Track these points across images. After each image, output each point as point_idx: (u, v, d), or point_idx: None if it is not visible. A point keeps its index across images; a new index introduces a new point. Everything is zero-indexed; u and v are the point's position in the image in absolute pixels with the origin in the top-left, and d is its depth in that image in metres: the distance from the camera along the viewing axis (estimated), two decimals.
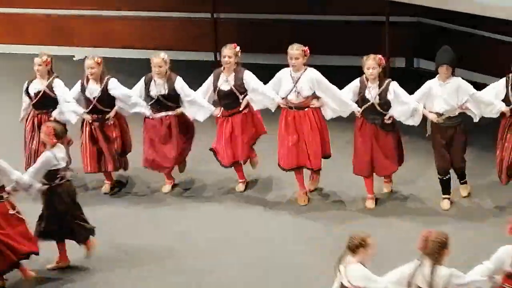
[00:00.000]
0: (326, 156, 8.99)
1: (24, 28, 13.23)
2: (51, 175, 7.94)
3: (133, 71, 11.44)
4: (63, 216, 8.17)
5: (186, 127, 9.05)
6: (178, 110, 8.87)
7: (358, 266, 6.13)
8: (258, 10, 12.61)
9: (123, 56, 13.21)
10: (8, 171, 7.86)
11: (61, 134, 7.97)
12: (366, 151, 8.59)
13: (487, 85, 11.59)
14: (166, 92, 8.73)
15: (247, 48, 11.23)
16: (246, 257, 8.05)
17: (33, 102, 9.00)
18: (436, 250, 5.82)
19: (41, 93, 8.91)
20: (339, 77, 9.79)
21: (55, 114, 8.87)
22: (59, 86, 8.92)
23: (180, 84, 8.77)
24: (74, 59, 13.47)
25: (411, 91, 9.17)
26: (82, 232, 8.35)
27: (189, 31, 13.30)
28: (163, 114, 8.84)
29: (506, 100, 8.05)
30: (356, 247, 6.05)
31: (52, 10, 13.38)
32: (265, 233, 8.51)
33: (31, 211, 8.20)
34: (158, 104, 8.79)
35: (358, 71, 9.62)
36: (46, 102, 8.95)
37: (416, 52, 12.59)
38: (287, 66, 9.84)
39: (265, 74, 9.37)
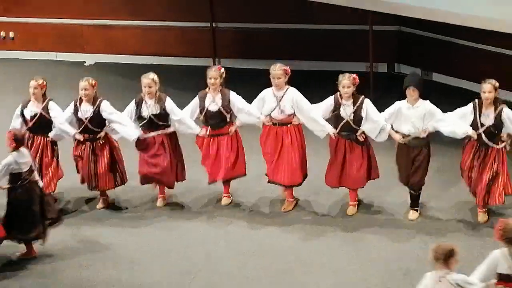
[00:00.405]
0: (305, 175, 8.81)
1: (39, 36, 13.26)
2: (14, 177, 7.95)
3: (137, 76, 11.60)
4: (20, 213, 8.14)
5: (176, 144, 8.90)
6: (169, 130, 8.69)
7: (457, 275, 6.21)
8: (253, 20, 12.65)
9: (130, 61, 13.26)
10: None
11: (21, 140, 7.92)
12: (339, 165, 8.44)
13: (462, 89, 12.11)
14: (158, 112, 8.51)
15: (242, 54, 11.68)
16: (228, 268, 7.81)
17: (30, 125, 8.79)
18: None
19: (37, 116, 8.72)
20: (328, 81, 9.94)
21: (51, 135, 8.75)
22: (54, 109, 8.73)
23: (170, 105, 8.58)
24: (85, 64, 13.65)
25: (392, 95, 9.35)
26: (31, 232, 8.25)
27: (190, 39, 13.34)
28: (153, 133, 8.64)
29: (473, 125, 7.84)
30: (447, 257, 6.08)
31: (65, 19, 13.38)
32: (250, 246, 8.21)
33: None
34: (150, 123, 8.56)
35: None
36: (42, 125, 8.75)
37: (397, 58, 12.67)
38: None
39: (259, 78, 9.45)
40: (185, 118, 8.59)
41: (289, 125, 8.45)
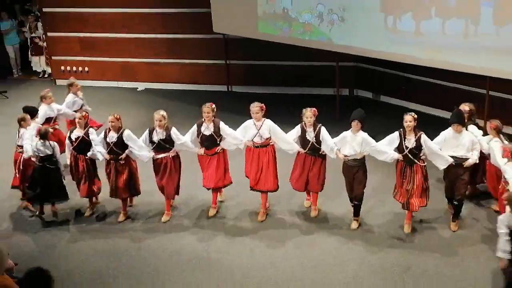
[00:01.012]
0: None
1: (105, 70, 13.25)
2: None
3: (175, 98, 11.67)
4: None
5: (179, 165, 8.49)
6: (172, 152, 8.31)
7: None
8: (255, 58, 12.65)
9: (170, 88, 13.30)
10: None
11: (43, 134, 8.09)
12: (305, 175, 8.19)
13: (402, 107, 12.08)
14: (164, 137, 8.17)
15: (249, 82, 11.72)
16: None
17: (73, 146, 8.52)
18: None
19: (80, 138, 8.45)
20: (308, 101, 9.91)
21: (89, 154, 8.43)
22: (92, 134, 8.46)
23: (175, 133, 8.24)
24: (137, 90, 13.67)
25: (350, 111, 9.37)
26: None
27: (211, 71, 13.33)
28: (162, 155, 8.27)
29: (400, 147, 7.54)
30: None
31: (124, 58, 13.45)
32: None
33: None
34: (159, 146, 8.23)
35: (318, 97, 9.94)
36: (82, 145, 8.46)
37: (355, 85, 12.69)
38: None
39: (259, 99, 8.67)
40: (187, 141, 8.31)
41: (267, 146, 8.17)
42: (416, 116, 7.49)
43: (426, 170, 7.61)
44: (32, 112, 9.34)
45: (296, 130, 8.06)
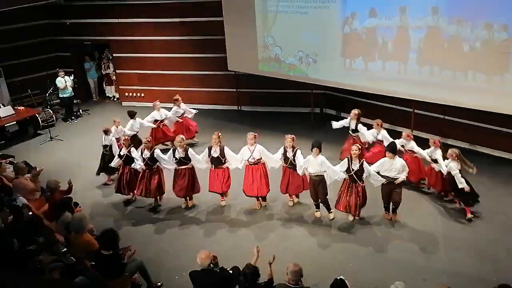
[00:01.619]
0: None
1: (155, 95, 12.76)
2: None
3: (201, 115, 11.50)
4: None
5: (194, 174, 8.10)
6: (190, 165, 7.97)
7: None
8: (258, 87, 12.53)
9: (198, 107, 12.49)
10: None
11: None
12: (285, 182, 7.85)
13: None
14: (184, 155, 7.85)
15: (253, 103, 11.65)
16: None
17: (122, 159, 8.27)
18: None
19: (125, 155, 8.21)
20: (292, 117, 10.00)
21: (133, 165, 8.14)
22: (134, 152, 8.13)
23: (191, 152, 7.88)
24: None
25: (321, 124, 9.40)
26: None
27: (226, 96, 13.17)
28: (183, 166, 7.94)
29: (348, 169, 7.20)
30: None
31: (168, 87, 13.22)
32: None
33: None
34: (180, 162, 7.89)
35: (298, 113, 9.94)
36: (127, 160, 8.18)
37: (325, 105, 12.49)
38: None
39: (259, 115, 9.18)
40: (200, 159, 7.96)
41: (258, 164, 7.84)
42: (360, 146, 7.37)
43: (364, 188, 7.30)
44: (132, 115, 10.00)
45: (281, 150, 7.75)
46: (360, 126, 9.13)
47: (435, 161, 7.87)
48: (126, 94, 14.26)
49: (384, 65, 9.73)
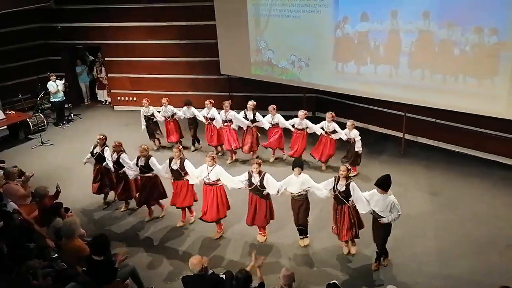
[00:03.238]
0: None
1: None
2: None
3: None
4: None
5: (155, 182, 7.82)
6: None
7: None
8: (251, 91, 12.42)
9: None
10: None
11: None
12: (252, 211, 7.15)
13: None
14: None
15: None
16: None
17: (95, 157, 8.24)
18: None
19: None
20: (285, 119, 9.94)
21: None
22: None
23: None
24: None
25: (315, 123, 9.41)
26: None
27: (220, 100, 12.21)
28: (146, 175, 7.74)
29: (333, 189, 6.59)
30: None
31: (160, 91, 13.00)
32: None
33: None
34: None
35: (292, 116, 9.77)
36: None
37: (316, 109, 12.56)
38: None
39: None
40: (160, 170, 7.67)
41: (213, 186, 7.23)
42: (349, 167, 6.78)
43: (355, 210, 6.58)
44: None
45: (244, 175, 7.14)
46: (257, 114, 9.90)
47: (334, 132, 9.27)
48: (118, 98, 14.19)
49: (376, 68, 9.78)
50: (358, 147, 9.06)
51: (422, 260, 6.70)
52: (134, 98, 13.91)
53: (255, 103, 9.92)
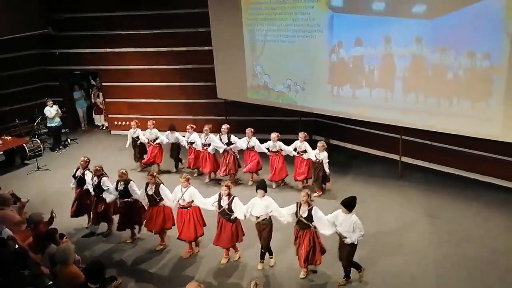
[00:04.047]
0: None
1: (144, 123, 12.11)
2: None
3: None
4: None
5: (133, 208, 7.85)
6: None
7: None
8: (247, 115, 12.55)
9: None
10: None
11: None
12: (219, 233, 7.14)
13: (344, 147, 12.02)
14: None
15: (242, 131, 11.23)
16: None
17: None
18: None
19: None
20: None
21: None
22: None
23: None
24: None
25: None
26: None
27: (216, 124, 12.45)
28: (125, 199, 7.79)
29: (296, 214, 6.64)
30: None
31: (156, 116, 13.00)
32: None
33: None
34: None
35: (288, 140, 9.87)
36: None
37: (314, 132, 12.51)
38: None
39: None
40: (139, 195, 7.75)
41: (188, 208, 7.32)
42: (309, 193, 6.64)
43: (316, 234, 6.65)
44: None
45: (215, 197, 7.17)
46: (232, 137, 10.17)
47: (304, 151, 9.45)
48: (115, 122, 14.23)
49: (371, 92, 9.87)
50: (326, 169, 9.24)
51: (420, 283, 6.65)
52: (138, 123, 13.93)
53: (228, 126, 10.23)
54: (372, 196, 9.25)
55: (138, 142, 11.13)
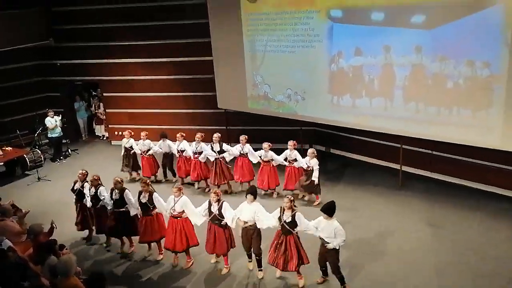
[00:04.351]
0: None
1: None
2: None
3: None
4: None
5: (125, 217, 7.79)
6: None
7: None
8: (247, 125, 12.52)
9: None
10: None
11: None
12: (211, 240, 7.16)
13: (344, 156, 12.04)
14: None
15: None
16: None
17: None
18: None
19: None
20: (279, 154, 9.71)
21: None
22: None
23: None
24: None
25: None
26: None
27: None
28: (119, 209, 7.74)
29: (280, 219, 6.64)
30: None
31: (158, 126, 13.15)
32: None
33: None
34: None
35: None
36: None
37: (314, 142, 12.54)
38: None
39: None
40: (133, 204, 7.69)
41: (178, 218, 7.28)
42: (292, 198, 6.68)
43: (298, 240, 6.69)
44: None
45: (205, 204, 7.20)
46: (224, 145, 10.17)
47: (295, 160, 9.43)
48: (116, 133, 14.23)
49: (371, 101, 9.87)
50: (315, 176, 9.16)
51: None
52: (132, 133, 13.89)
53: (220, 135, 10.26)
54: (370, 205, 9.24)
55: (132, 152, 11.08)
